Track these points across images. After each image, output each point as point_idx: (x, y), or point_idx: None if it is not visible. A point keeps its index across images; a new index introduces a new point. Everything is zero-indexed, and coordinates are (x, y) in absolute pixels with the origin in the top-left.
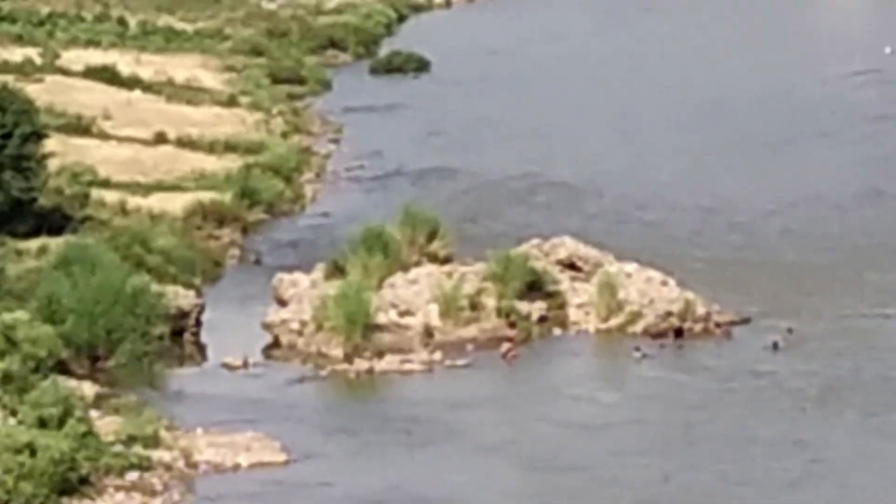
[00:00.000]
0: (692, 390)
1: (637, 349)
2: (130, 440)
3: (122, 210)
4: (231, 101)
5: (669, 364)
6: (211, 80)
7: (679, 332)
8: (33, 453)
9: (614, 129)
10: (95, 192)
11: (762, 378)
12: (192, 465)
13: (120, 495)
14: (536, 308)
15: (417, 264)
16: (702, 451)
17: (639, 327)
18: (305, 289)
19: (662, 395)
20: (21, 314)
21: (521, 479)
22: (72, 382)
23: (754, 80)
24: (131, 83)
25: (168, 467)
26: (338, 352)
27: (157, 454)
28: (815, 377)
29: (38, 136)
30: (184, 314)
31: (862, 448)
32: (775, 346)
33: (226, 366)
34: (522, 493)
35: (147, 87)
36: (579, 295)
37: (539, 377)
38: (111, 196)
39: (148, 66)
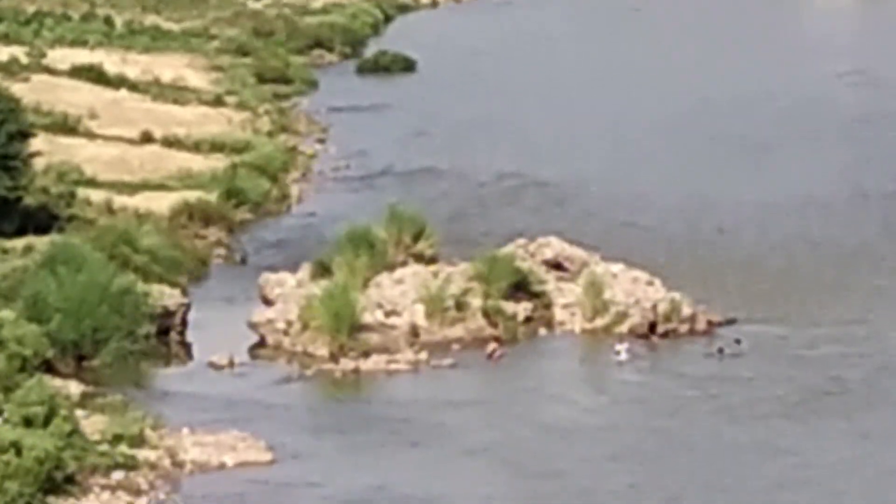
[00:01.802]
0: (673, 395)
1: (617, 352)
2: (116, 439)
3: (108, 209)
4: (217, 101)
5: (652, 367)
6: (197, 79)
7: (664, 333)
8: (19, 452)
9: (601, 131)
10: (81, 192)
11: (743, 382)
12: (178, 465)
13: (105, 494)
14: (522, 308)
15: (403, 264)
16: (683, 458)
17: (625, 327)
18: (291, 288)
19: (645, 398)
20: (7, 313)
21: (503, 484)
22: (57, 381)
23: (740, 81)
24: (118, 82)
25: (153, 466)
26: (323, 351)
27: (143, 453)
28: (797, 382)
29: (25, 134)
30: (169, 313)
31: (844, 453)
32: (720, 351)
33: (211, 365)
34: (504, 498)
35: (133, 87)
36: (565, 295)
37: (523, 378)
38: (97, 195)
39: (134, 65)
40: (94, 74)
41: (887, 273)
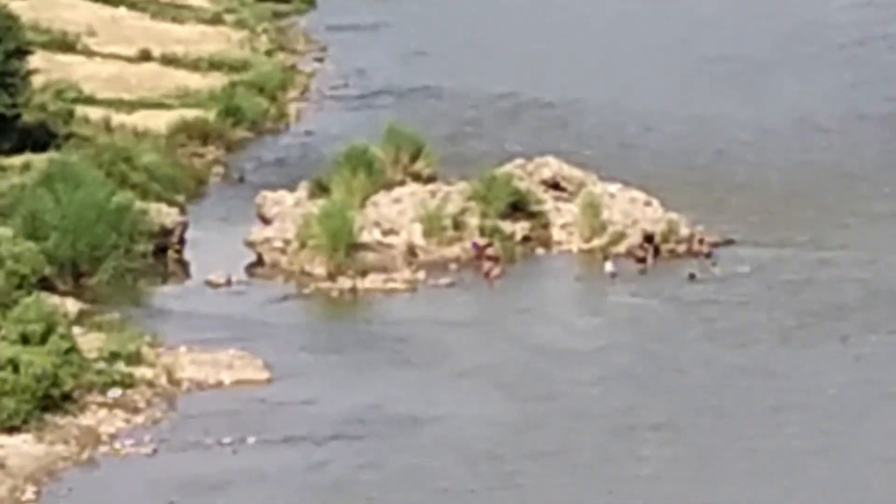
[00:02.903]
0: (667, 318)
1: (607, 266)
2: (113, 357)
3: (107, 127)
4: (216, 19)
5: (648, 289)
6: None
7: (656, 251)
8: (16, 369)
9: (600, 52)
10: (79, 109)
11: (739, 306)
12: (175, 383)
13: (102, 412)
14: (520, 228)
15: (401, 183)
16: (676, 381)
17: (622, 247)
18: (289, 207)
19: (640, 320)
20: (4, 231)
21: (497, 405)
22: (55, 299)
23: (738, 3)
24: (116, 0)
25: (150, 384)
26: (321, 270)
27: (140, 371)
28: (793, 306)
29: (23, 52)
30: (167, 231)
31: (840, 377)
32: (692, 276)
33: (209, 283)
34: (497, 420)
35: (132, 5)
36: (563, 215)
37: (520, 298)
38: (95, 113)
39: None
40: None
41: (885, 197)
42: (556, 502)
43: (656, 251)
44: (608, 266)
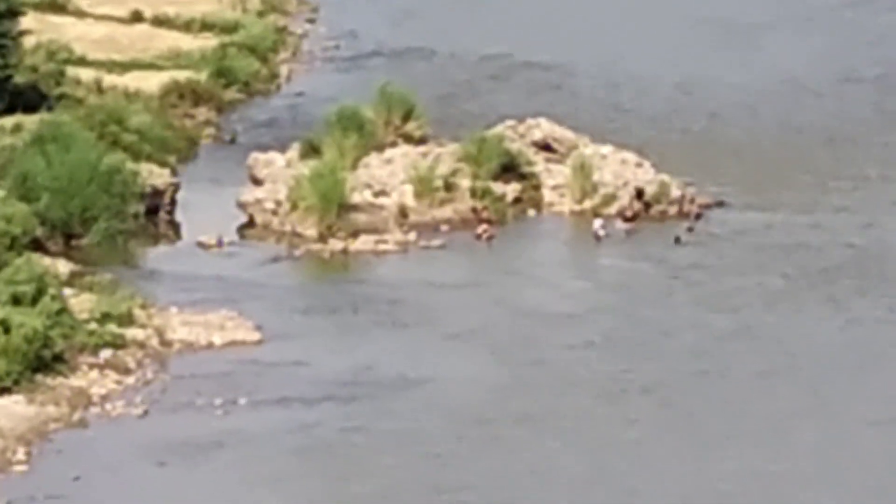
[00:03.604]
0: (657, 281)
1: (597, 225)
2: (104, 318)
3: (98, 88)
4: None
5: (638, 252)
6: None
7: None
8: (7, 330)
9: (593, 14)
10: (71, 70)
11: (729, 269)
12: (166, 344)
13: (93, 373)
14: (511, 189)
15: (392, 144)
16: (665, 345)
17: (613, 209)
18: (280, 168)
19: (629, 284)
20: None
21: (487, 369)
22: (46, 260)
23: None
24: None
25: (142, 345)
26: (312, 231)
27: (131, 332)
28: (783, 269)
29: (14, 13)
30: (158, 193)
31: (831, 341)
32: (677, 240)
33: (200, 245)
34: (488, 383)
35: None
36: (554, 176)
37: (510, 260)
38: (87, 74)
39: None
40: None
41: (876, 160)
42: (543, 466)
43: (647, 207)
44: (596, 225)
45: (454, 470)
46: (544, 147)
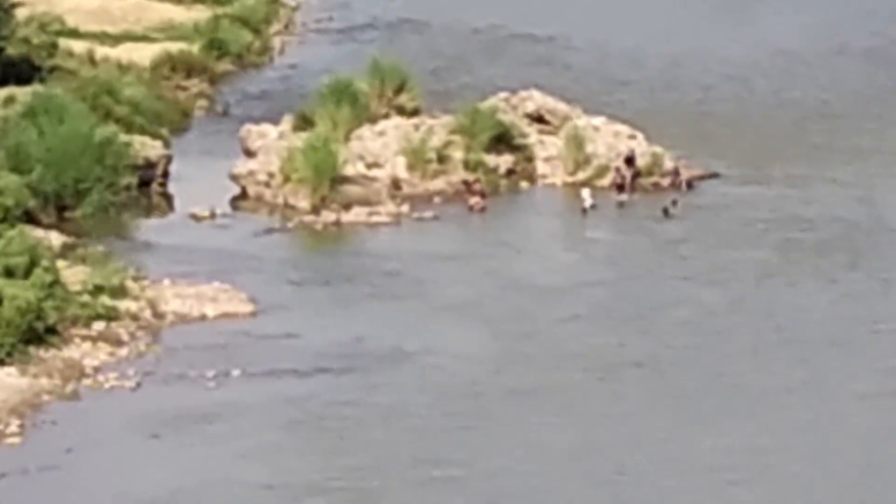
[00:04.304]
0: (648, 255)
1: (586, 194)
2: (97, 290)
3: (91, 60)
4: None
5: (630, 224)
6: None
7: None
8: (0, 302)
9: None
10: (63, 42)
11: (721, 243)
12: (159, 316)
13: (86, 345)
14: (504, 161)
15: (385, 116)
16: (656, 320)
17: (606, 181)
18: (273, 140)
19: (620, 257)
20: None
21: (478, 342)
22: (39, 232)
23: None
24: None
25: (135, 317)
26: (305, 203)
27: (124, 304)
28: (775, 242)
29: None
30: (151, 165)
31: (824, 314)
32: (665, 212)
33: (193, 217)
34: (478, 357)
35: None
36: (547, 148)
37: (503, 232)
38: (79, 46)
39: None
40: None
41: (868, 133)
42: (533, 440)
43: (636, 176)
44: (584, 194)
45: (443, 444)
46: (537, 119)
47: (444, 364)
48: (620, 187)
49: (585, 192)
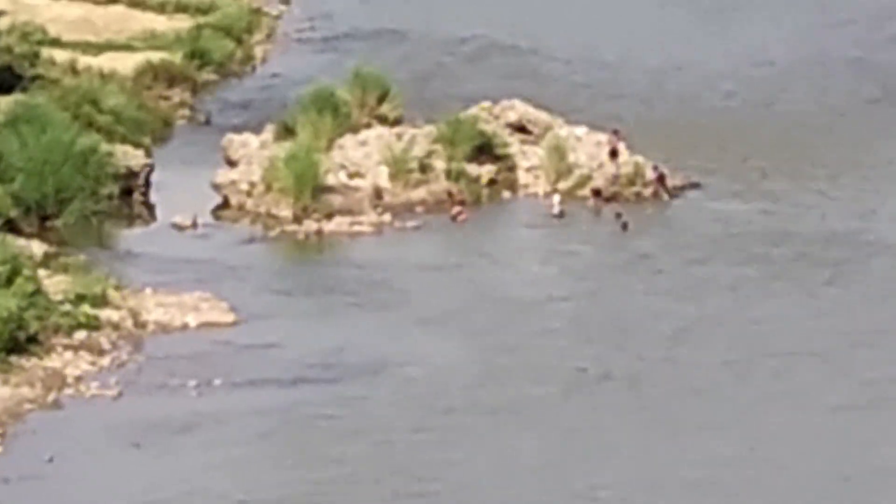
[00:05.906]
0: (629, 268)
1: (555, 200)
2: (79, 299)
3: (73, 69)
4: None
5: (606, 233)
6: None
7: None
8: None
9: None
10: (45, 51)
11: (700, 257)
12: (141, 325)
13: (68, 354)
14: (486, 171)
15: (367, 126)
16: (638, 336)
17: (587, 190)
18: (255, 149)
19: (600, 268)
20: None
21: (458, 354)
22: (20, 241)
23: None
24: None
25: (116, 327)
26: (287, 213)
27: (106, 313)
28: (756, 256)
29: None
30: (133, 174)
31: (804, 327)
32: (625, 227)
33: (175, 226)
34: (458, 369)
35: None
36: (529, 158)
37: (485, 243)
38: (61, 55)
39: None
40: None
41: (852, 145)
42: (509, 454)
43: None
44: (555, 199)
45: (418, 458)
46: (519, 129)
47: (420, 376)
48: (596, 193)
49: (556, 198)
